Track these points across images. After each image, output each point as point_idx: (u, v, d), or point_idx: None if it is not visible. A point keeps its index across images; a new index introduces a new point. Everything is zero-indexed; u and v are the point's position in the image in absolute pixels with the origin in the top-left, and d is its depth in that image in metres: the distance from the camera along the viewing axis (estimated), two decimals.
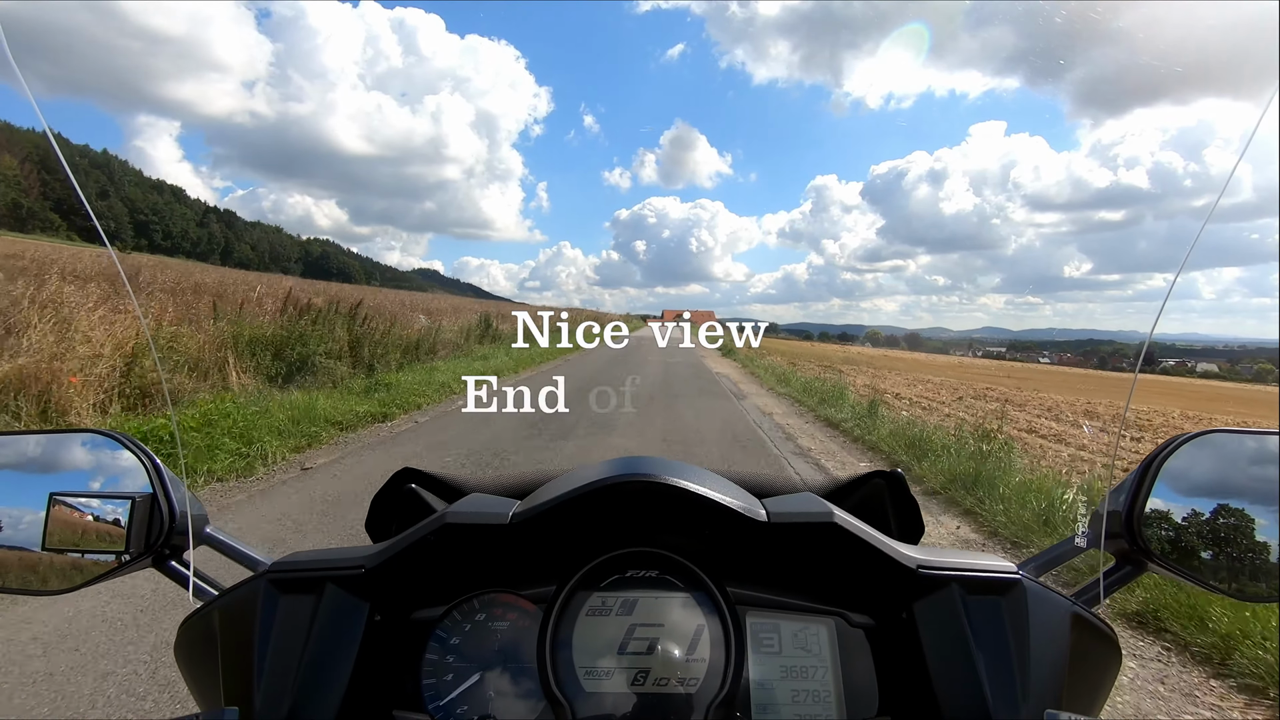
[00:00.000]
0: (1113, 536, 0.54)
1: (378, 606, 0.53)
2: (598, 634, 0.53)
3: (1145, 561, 0.53)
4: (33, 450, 0.61)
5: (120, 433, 0.59)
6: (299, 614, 0.51)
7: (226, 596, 0.54)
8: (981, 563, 0.52)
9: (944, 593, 0.51)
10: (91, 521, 0.56)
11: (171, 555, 0.58)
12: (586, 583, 0.54)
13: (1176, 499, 0.53)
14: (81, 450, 0.60)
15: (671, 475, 0.51)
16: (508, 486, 0.71)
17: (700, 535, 0.55)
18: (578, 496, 0.51)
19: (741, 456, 5.82)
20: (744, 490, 0.57)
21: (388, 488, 0.71)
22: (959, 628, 0.49)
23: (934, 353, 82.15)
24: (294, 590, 0.53)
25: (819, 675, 0.53)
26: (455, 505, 0.55)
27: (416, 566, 0.54)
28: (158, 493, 0.56)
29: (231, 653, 0.51)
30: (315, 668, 0.49)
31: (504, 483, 0.73)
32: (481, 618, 0.56)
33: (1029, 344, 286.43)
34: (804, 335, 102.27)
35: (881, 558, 0.51)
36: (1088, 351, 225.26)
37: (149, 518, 0.56)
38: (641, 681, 0.51)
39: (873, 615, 0.56)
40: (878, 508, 0.71)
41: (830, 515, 0.52)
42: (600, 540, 0.56)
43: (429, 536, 0.52)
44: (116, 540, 0.56)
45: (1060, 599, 0.51)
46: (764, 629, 0.55)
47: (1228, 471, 0.55)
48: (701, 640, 0.52)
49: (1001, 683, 0.47)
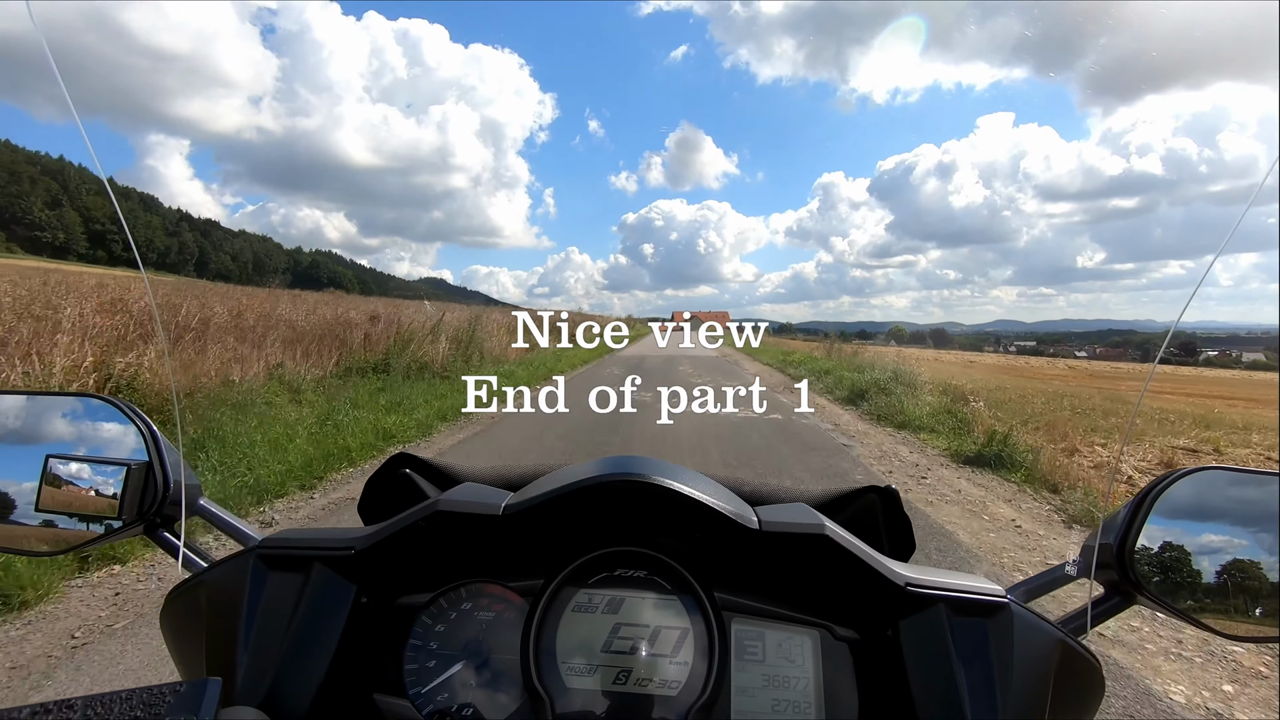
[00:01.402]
0: (1103, 567, 0.54)
1: (365, 589, 0.53)
2: (582, 631, 0.53)
3: (1135, 594, 0.53)
4: (30, 410, 0.61)
5: (119, 399, 0.59)
6: (286, 591, 0.51)
7: (215, 569, 0.55)
8: (970, 584, 0.52)
9: (930, 612, 0.51)
10: (85, 486, 0.56)
11: (163, 525, 0.58)
12: (574, 579, 0.54)
13: (1171, 534, 0.53)
14: (79, 414, 0.60)
15: (665, 477, 0.51)
16: (502, 478, 0.71)
17: (690, 539, 0.55)
18: (570, 492, 0.51)
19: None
20: (737, 497, 0.57)
21: (383, 472, 0.71)
22: (944, 648, 0.49)
23: (965, 349, 78.33)
24: (282, 567, 0.53)
25: (800, 686, 0.53)
26: (448, 493, 0.55)
27: (406, 552, 0.54)
28: (154, 461, 0.56)
29: (217, 625, 0.51)
30: (299, 646, 0.49)
31: (499, 474, 0.73)
32: (467, 607, 0.56)
33: (1056, 336, 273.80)
34: (818, 334, 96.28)
35: (871, 573, 0.51)
36: (1117, 343, 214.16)
37: (143, 486, 0.56)
38: (623, 681, 0.51)
39: (858, 630, 0.55)
40: (870, 523, 0.71)
41: (822, 527, 0.51)
42: (591, 537, 0.56)
43: (420, 522, 0.52)
44: (110, 507, 0.56)
45: (1047, 626, 0.51)
46: (749, 636, 0.55)
47: (1224, 509, 0.54)
48: (685, 643, 0.52)
49: (983, 705, 0.47)
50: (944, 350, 51.38)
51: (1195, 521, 0.53)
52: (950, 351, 54.33)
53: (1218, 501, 0.55)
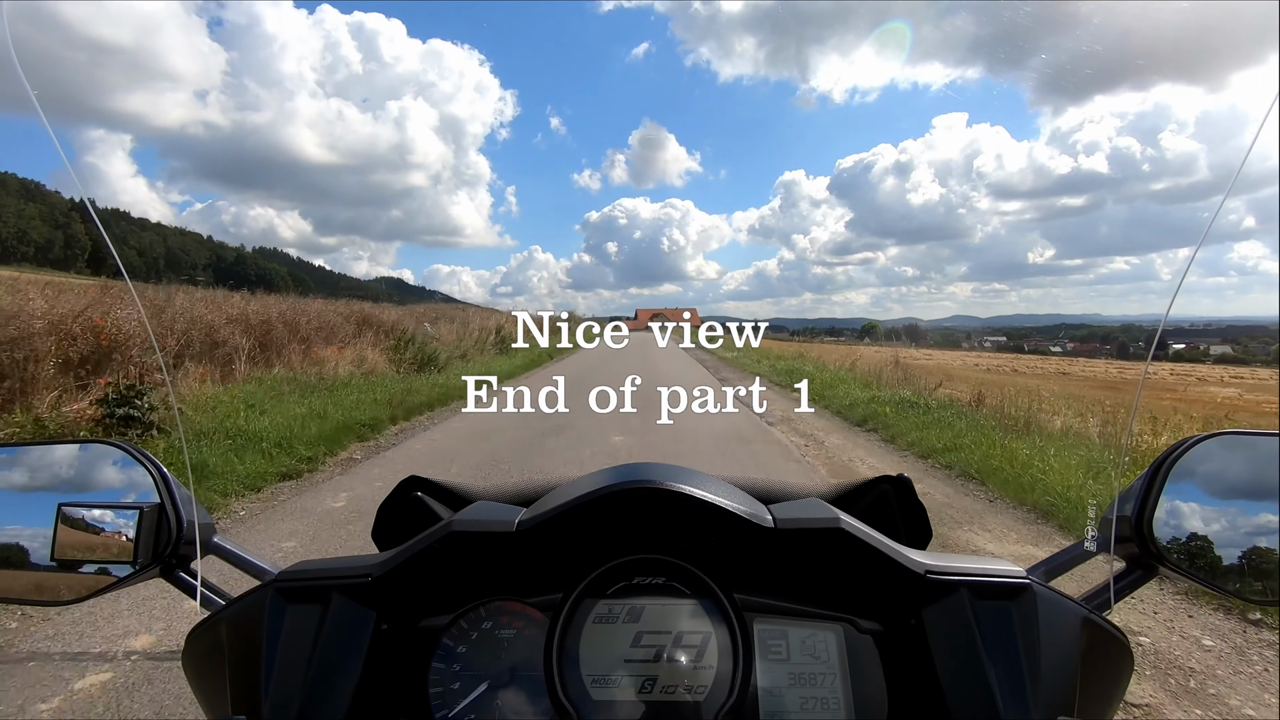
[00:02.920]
0: (1123, 540, 0.54)
1: (384, 615, 0.53)
2: (605, 642, 0.52)
3: (1156, 565, 0.53)
4: (41, 461, 0.61)
5: (127, 443, 0.59)
6: (306, 623, 0.51)
7: (234, 606, 0.55)
8: (990, 568, 0.52)
9: (953, 598, 0.50)
10: (99, 532, 0.57)
11: (179, 565, 0.58)
12: (593, 590, 0.54)
13: (1187, 501, 0.53)
14: (89, 461, 0.60)
15: (677, 481, 0.51)
16: (514, 494, 0.71)
17: (707, 542, 0.54)
18: (584, 504, 0.51)
19: None
20: (750, 496, 0.57)
21: (394, 496, 0.71)
22: (969, 633, 0.49)
23: (945, 347, 75.33)
24: (301, 599, 0.53)
25: (828, 682, 0.52)
26: (461, 513, 0.55)
27: (423, 575, 0.54)
28: (165, 503, 0.56)
29: (239, 662, 0.51)
30: (322, 677, 0.49)
31: (510, 491, 0.73)
32: (488, 626, 0.56)
33: (1021, 331, 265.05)
34: (783, 331, 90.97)
35: (889, 563, 0.51)
36: (1083, 337, 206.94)
37: (156, 528, 0.56)
38: (649, 689, 0.50)
39: (881, 621, 0.55)
40: (885, 513, 0.71)
41: (837, 521, 0.51)
42: (607, 547, 0.55)
43: (435, 545, 0.52)
44: (125, 551, 0.56)
45: (1070, 604, 0.51)
46: (772, 636, 0.55)
47: (1240, 473, 0.54)
48: (709, 647, 0.52)
49: (1012, 689, 0.46)
50: (934, 350, 47.21)
51: (1212, 486, 0.53)
52: (939, 350, 50.03)
53: (1234, 465, 0.54)
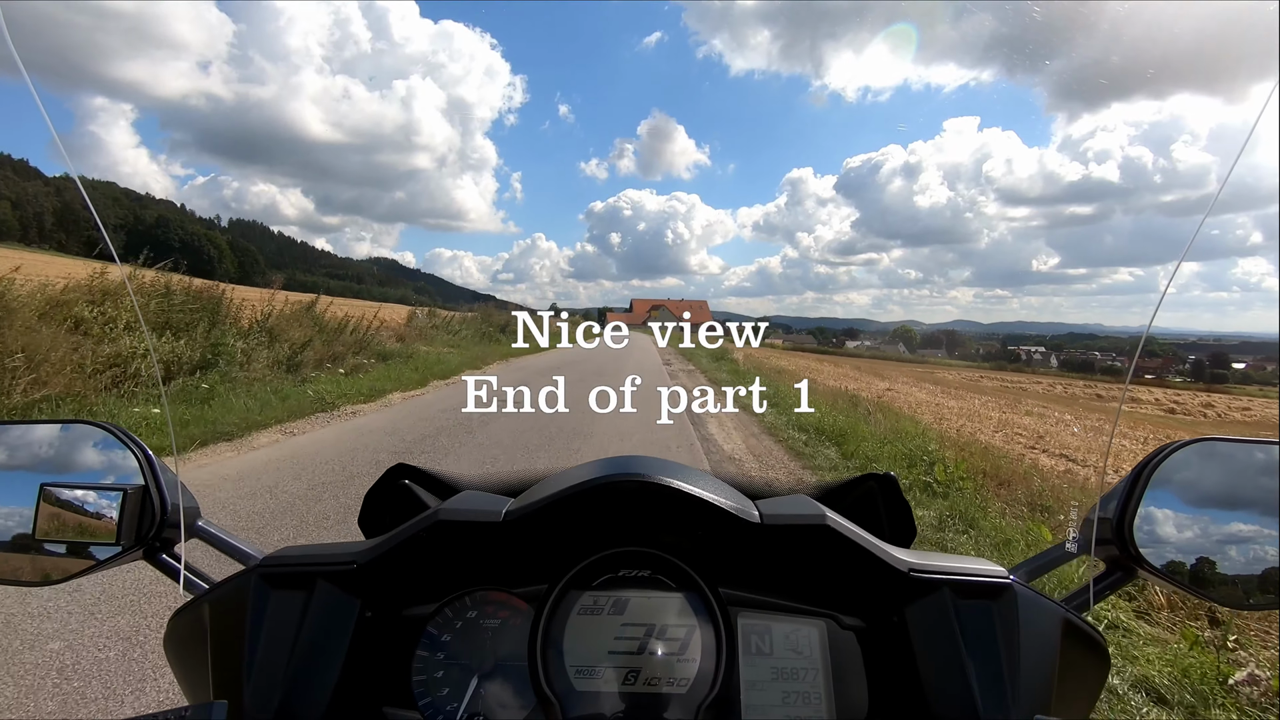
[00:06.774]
0: (1103, 543, 0.55)
1: (369, 603, 0.53)
2: (589, 633, 0.53)
3: (1135, 567, 0.53)
4: (23, 440, 0.60)
5: (112, 424, 0.59)
6: (290, 609, 0.51)
7: (217, 590, 0.54)
8: (973, 567, 0.52)
9: (935, 596, 0.51)
10: (82, 513, 0.56)
11: (162, 548, 0.57)
12: (578, 582, 0.54)
13: (1168, 506, 0.53)
14: (73, 441, 0.60)
15: (665, 475, 0.51)
16: (501, 484, 0.71)
17: (693, 536, 0.55)
18: (571, 495, 0.51)
19: None
20: (737, 491, 0.57)
21: (381, 484, 0.71)
22: (950, 631, 0.49)
23: (971, 359, 69.18)
24: (285, 585, 0.52)
25: (810, 677, 0.53)
26: (448, 502, 0.55)
27: (409, 563, 0.54)
28: (149, 484, 0.55)
29: (221, 647, 0.51)
30: (305, 663, 0.49)
31: (498, 481, 0.73)
32: (473, 615, 0.56)
33: (1017, 338, 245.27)
34: (782, 329, 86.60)
35: (874, 560, 0.51)
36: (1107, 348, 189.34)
37: (140, 510, 0.55)
38: (632, 681, 0.51)
39: (864, 618, 0.56)
40: (870, 510, 0.71)
41: (823, 518, 0.52)
42: (593, 539, 0.56)
43: (421, 533, 0.52)
44: (107, 532, 0.55)
45: (1050, 604, 0.51)
46: (755, 630, 0.55)
47: (1221, 479, 0.55)
48: (693, 641, 0.52)
49: (991, 687, 0.47)
50: (988, 369, 36.87)
51: (1194, 492, 0.54)
52: (993, 371, 38.43)
53: (1216, 472, 0.55)
